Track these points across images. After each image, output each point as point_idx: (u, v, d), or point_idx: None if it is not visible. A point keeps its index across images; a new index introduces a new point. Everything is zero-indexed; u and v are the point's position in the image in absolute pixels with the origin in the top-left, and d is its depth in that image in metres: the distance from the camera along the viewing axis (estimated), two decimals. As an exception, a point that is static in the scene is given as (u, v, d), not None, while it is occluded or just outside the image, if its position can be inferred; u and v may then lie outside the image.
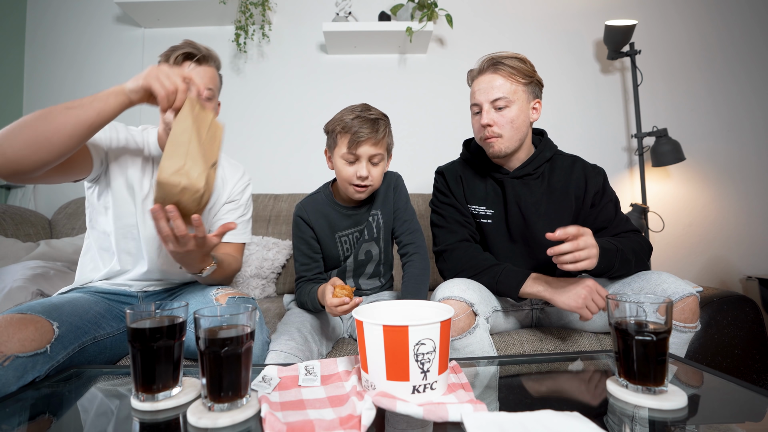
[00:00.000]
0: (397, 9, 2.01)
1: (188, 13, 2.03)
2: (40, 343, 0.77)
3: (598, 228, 1.10)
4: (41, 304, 0.85)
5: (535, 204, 1.11)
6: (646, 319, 0.61)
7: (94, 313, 0.94)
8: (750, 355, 1.28)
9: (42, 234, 1.77)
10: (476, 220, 1.16)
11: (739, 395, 0.63)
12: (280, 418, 0.54)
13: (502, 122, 1.05)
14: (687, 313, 0.93)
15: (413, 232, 1.16)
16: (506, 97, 1.05)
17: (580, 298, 0.96)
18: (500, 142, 1.07)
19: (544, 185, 1.12)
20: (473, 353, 0.94)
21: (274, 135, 2.12)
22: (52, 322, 0.81)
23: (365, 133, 1.02)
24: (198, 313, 0.57)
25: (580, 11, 2.18)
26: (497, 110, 1.06)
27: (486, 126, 1.06)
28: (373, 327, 0.60)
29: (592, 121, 2.15)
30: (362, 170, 1.04)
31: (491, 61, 1.07)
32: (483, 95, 1.07)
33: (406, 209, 1.19)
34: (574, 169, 1.14)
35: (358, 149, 1.03)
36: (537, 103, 1.11)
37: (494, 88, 1.05)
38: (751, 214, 2.13)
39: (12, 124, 0.78)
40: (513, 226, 1.13)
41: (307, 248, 1.15)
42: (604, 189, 1.13)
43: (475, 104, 1.09)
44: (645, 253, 1.06)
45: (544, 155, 1.14)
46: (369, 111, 1.06)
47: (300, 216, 1.15)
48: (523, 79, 1.06)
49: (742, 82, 2.17)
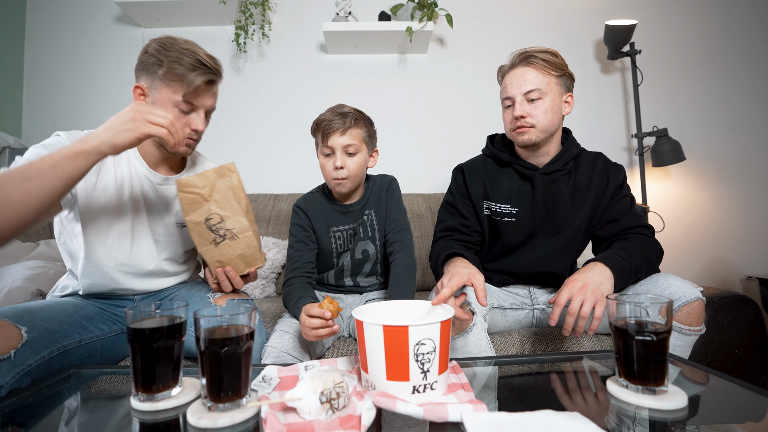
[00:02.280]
0: (397, 9, 2.01)
1: (188, 13, 2.03)
2: (3, 348, 0.73)
3: (611, 220, 1.10)
4: (14, 309, 0.82)
5: (562, 201, 1.11)
6: (647, 320, 0.61)
7: (78, 317, 0.91)
8: (750, 355, 1.28)
9: (42, 234, 1.77)
10: (496, 218, 1.15)
11: (740, 395, 0.63)
12: (280, 418, 0.54)
13: (536, 113, 1.05)
14: (693, 317, 0.93)
15: (400, 231, 1.18)
16: (539, 88, 1.04)
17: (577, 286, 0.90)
18: (532, 132, 1.06)
19: (571, 182, 1.13)
20: (471, 352, 0.94)
21: (274, 135, 2.12)
22: (20, 327, 0.78)
23: (334, 124, 1.07)
24: (198, 314, 0.57)
25: (580, 11, 2.18)
26: (530, 102, 1.05)
27: (519, 117, 1.05)
28: (373, 327, 0.60)
29: (592, 121, 2.15)
30: (337, 160, 1.08)
31: (523, 55, 1.07)
32: (515, 88, 1.06)
33: (398, 209, 1.21)
34: (597, 164, 1.14)
35: (329, 140, 1.08)
36: (569, 97, 1.10)
37: (527, 81, 1.05)
38: (751, 214, 2.13)
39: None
40: (538, 222, 1.12)
41: (302, 234, 1.18)
42: (623, 185, 1.14)
43: (508, 98, 1.09)
44: (657, 258, 1.04)
45: (572, 152, 1.14)
46: (342, 107, 1.11)
47: (299, 206, 1.21)
48: (555, 72, 1.06)
49: (742, 81, 2.17)
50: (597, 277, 0.89)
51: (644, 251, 1.01)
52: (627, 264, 0.93)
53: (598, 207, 1.12)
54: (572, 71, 1.11)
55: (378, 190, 1.22)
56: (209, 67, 0.92)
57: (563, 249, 1.12)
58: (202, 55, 0.91)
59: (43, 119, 2.13)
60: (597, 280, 0.88)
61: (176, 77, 0.89)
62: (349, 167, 1.10)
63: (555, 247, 1.12)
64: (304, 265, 1.15)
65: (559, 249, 1.12)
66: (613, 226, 1.10)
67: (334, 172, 1.10)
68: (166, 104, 0.91)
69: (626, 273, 0.92)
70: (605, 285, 0.88)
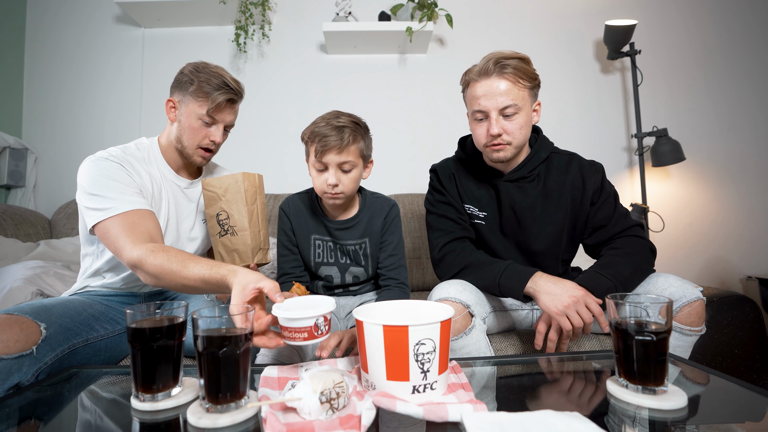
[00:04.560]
0: (397, 9, 2.01)
1: (188, 13, 2.03)
2: (26, 344, 0.76)
3: (597, 227, 1.09)
4: (31, 306, 0.85)
5: (530, 207, 1.09)
6: (647, 320, 0.61)
7: (87, 315, 0.94)
8: (750, 355, 1.28)
9: (42, 234, 1.77)
10: (471, 219, 1.14)
11: (739, 395, 0.63)
12: (280, 418, 0.54)
13: (512, 129, 1.00)
14: (693, 317, 0.93)
15: (397, 268, 1.15)
16: (515, 104, 0.99)
17: (562, 304, 0.90)
18: (508, 149, 1.03)
19: (539, 187, 1.09)
20: (470, 354, 0.94)
21: (274, 135, 2.12)
22: (39, 323, 0.80)
23: (330, 141, 1.00)
24: (196, 314, 0.57)
25: (580, 11, 2.18)
26: (505, 117, 1.00)
27: (497, 135, 1.01)
28: (373, 327, 0.60)
29: (592, 121, 2.15)
30: (331, 178, 1.03)
31: (497, 63, 0.99)
32: (490, 102, 1.00)
33: (397, 245, 1.16)
34: (570, 168, 1.10)
35: (324, 157, 1.02)
36: (538, 105, 1.07)
37: (502, 94, 0.99)
38: (751, 214, 2.13)
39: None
40: (507, 228, 1.11)
41: (285, 238, 1.17)
42: (603, 186, 1.09)
43: (481, 111, 1.02)
44: (648, 260, 1.02)
45: (540, 156, 1.10)
46: (338, 118, 1.03)
47: (283, 209, 1.18)
48: (528, 83, 1.01)
49: (742, 81, 2.17)
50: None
51: (632, 260, 0.99)
52: (610, 283, 0.94)
53: (578, 215, 1.10)
54: (540, 77, 1.05)
55: (375, 216, 1.16)
56: (232, 88, 1.03)
57: (543, 256, 1.10)
58: (228, 78, 1.03)
59: (43, 119, 2.13)
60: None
61: (203, 94, 1.00)
62: (344, 183, 1.05)
63: (531, 254, 1.10)
64: (292, 271, 1.14)
65: (540, 255, 1.10)
66: (600, 233, 1.09)
67: (327, 187, 1.04)
68: (192, 116, 1.02)
69: (609, 292, 0.92)
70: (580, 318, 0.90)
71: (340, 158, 1.02)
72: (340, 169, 1.04)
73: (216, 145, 1.07)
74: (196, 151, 1.05)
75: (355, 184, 1.08)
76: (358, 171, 1.07)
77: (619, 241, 1.05)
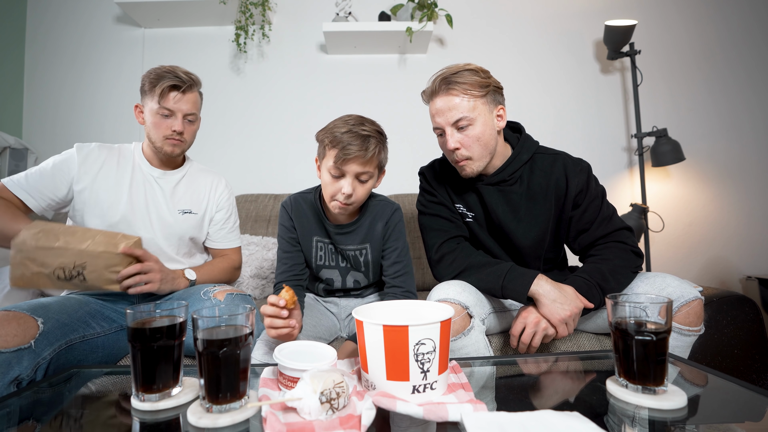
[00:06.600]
0: (397, 9, 2.01)
1: (188, 13, 2.03)
2: (24, 338, 0.79)
3: (582, 230, 1.08)
4: (28, 303, 0.88)
5: (513, 210, 1.08)
6: (646, 319, 0.61)
7: (83, 312, 0.96)
8: (750, 355, 1.28)
9: (42, 234, 1.77)
10: (462, 218, 1.15)
11: (739, 395, 0.63)
12: (280, 418, 0.54)
13: (468, 142, 1.01)
14: (692, 317, 0.93)
15: (403, 275, 1.11)
16: (466, 116, 1.00)
17: (565, 314, 0.92)
18: (471, 164, 1.04)
19: (522, 189, 1.09)
20: (469, 355, 0.94)
21: (274, 135, 2.12)
22: (36, 318, 0.83)
23: (353, 150, 0.94)
24: (196, 314, 0.57)
25: (580, 11, 2.18)
26: (460, 130, 1.01)
27: (454, 150, 1.02)
28: (373, 327, 0.60)
29: (592, 121, 2.15)
30: (347, 187, 0.98)
31: (443, 81, 1.01)
32: (442, 118, 1.02)
33: (401, 251, 1.12)
34: (555, 168, 1.08)
35: (345, 166, 0.97)
36: (501, 110, 1.05)
37: (452, 108, 1.00)
38: (751, 214, 2.13)
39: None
40: (492, 229, 1.12)
41: (287, 235, 1.13)
42: (588, 187, 1.07)
43: (437, 128, 1.05)
44: (629, 268, 1.01)
45: (521, 158, 1.08)
46: (362, 126, 0.98)
47: (284, 207, 1.14)
48: (479, 92, 1.00)
49: (742, 81, 2.17)
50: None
51: (612, 271, 0.99)
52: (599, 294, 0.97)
53: (561, 216, 1.09)
54: (498, 81, 1.04)
55: (377, 221, 1.13)
56: (177, 76, 1.08)
57: (528, 256, 1.11)
58: (177, 71, 1.09)
59: (43, 119, 2.13)
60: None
61: (152, 88, 1.08)
62: (357, 193, 1.00)
63: (517, 253, 1.11)
64: (292, 268, 1.11)
65: (525, 255, 1.11)
66: (583, 237, 1.08)
67: (339, 195, 1.00)
68: (151, 113, 1.09)
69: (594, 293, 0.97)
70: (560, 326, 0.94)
71: (361, 168, 0.98)
72: (357, 179, 1.00)
73: (179, 134, 1.12)
74: (165, 142, 1.11)
75: (367, 194, 1.05)
76: (373, 181, 1.04)
77: (602, 250, 1.05)
